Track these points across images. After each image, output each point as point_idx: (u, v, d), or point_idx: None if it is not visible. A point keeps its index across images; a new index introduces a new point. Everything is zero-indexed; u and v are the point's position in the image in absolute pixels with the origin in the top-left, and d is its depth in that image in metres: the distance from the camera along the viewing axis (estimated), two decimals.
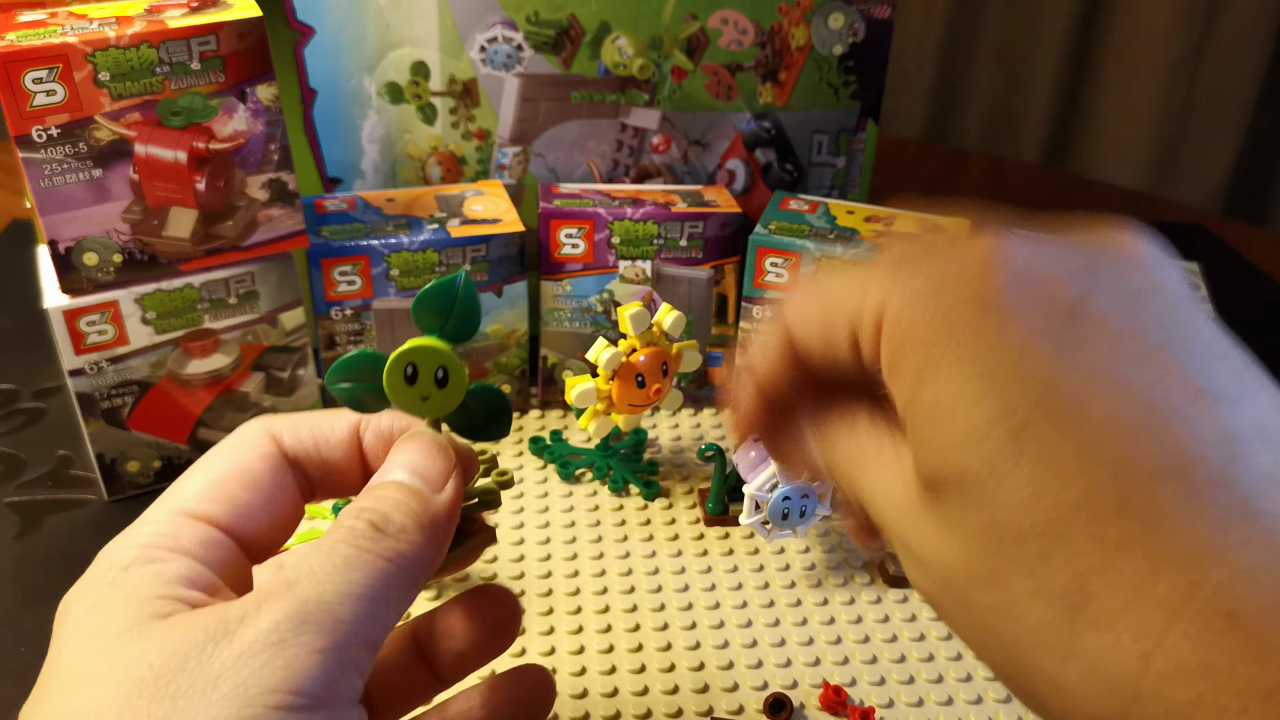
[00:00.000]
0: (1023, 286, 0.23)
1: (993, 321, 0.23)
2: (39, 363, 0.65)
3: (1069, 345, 0.22)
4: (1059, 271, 0.23)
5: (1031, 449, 0.21)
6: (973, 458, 0.22)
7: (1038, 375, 0.22)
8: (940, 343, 0.23)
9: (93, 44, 0.45)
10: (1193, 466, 0.21)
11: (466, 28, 0.60)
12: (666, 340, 0.52)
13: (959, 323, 0.23)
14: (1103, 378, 0.22)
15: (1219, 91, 1.49)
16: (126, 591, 0.25)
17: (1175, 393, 0.22)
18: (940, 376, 0.23)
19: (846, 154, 0.66)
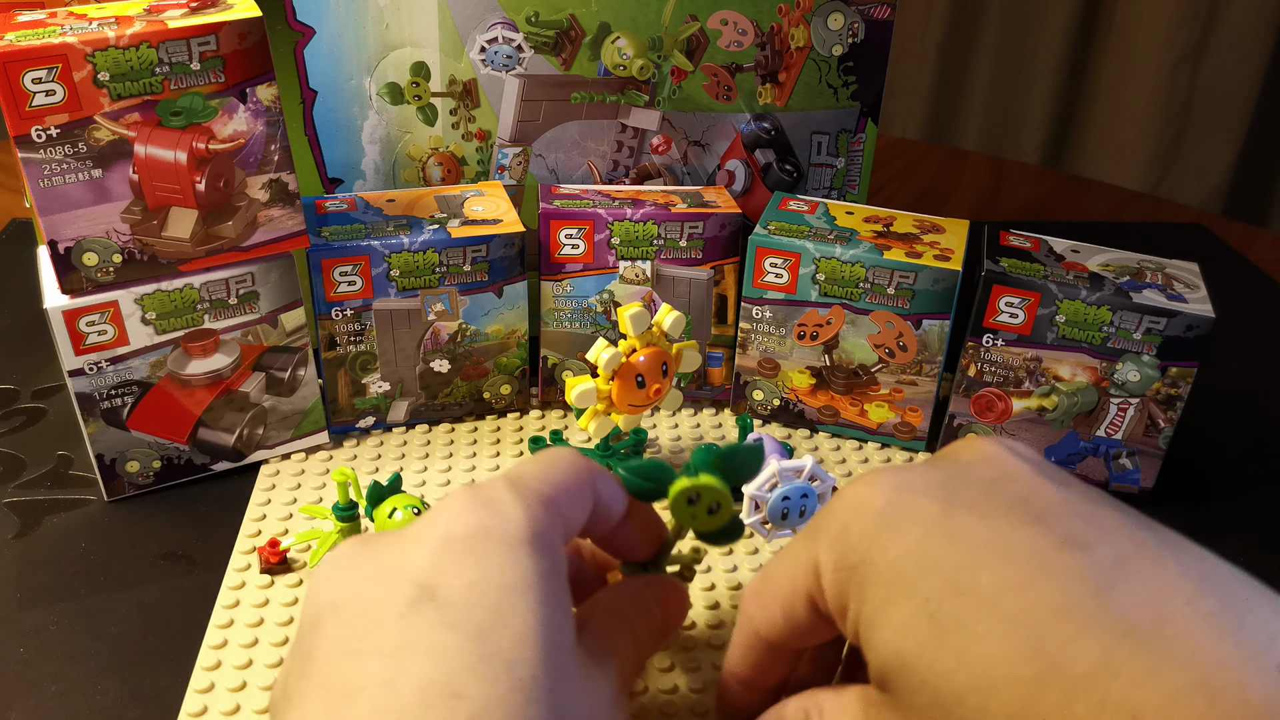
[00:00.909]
0: (898, 509, 0.29)
1: (887, 541, 0.29)
2: (39, 363, 0.65)
3: (950, 537, 0.28)
4: (922, 488, 0.30)
5: (949, 626, 0.27)
6: (908, 644, 0.27)
7: (935, 568, 0.28)
8: (861, 572, 0.29)
9: (92, 44, 0.45)
10: (1076, 603, 0.25)
11: (466, 28, 0.60)
12: (666, 340, 0.52)
13: (865, 554, 0.29)
14: (984, 551, 0.27)
15: (1219, 91, 1.49)
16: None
17: (1045, 548, 0.27)
18: (867, 598, 0.29)
19: (846, 154, 0.66)
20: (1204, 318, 0.51)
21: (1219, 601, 0.25)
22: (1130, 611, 0.25)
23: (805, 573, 0.31)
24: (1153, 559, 0.26)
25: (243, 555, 0.51)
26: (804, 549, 0.32)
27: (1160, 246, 0.62)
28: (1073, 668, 0.24)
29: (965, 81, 1.63)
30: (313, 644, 0.29)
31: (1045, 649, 0.25)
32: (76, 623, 0.47)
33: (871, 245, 0.56)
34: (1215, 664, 0.23)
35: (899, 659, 0.28)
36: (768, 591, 0.33)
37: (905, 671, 0.28)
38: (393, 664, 0.27)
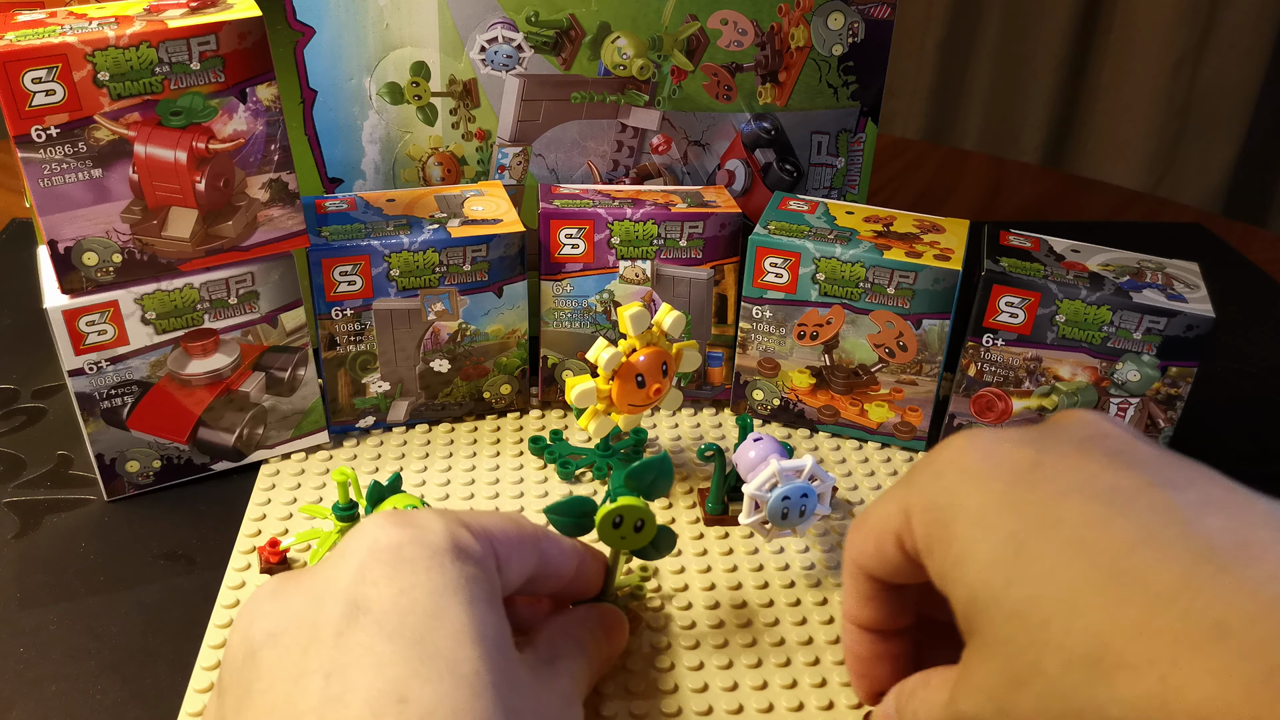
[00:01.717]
0: (991, 459, 0.31)
1: (981, 484, 0.30)
2: (39, 363, 0.65)
3: (1039, 482, 0.29)
4: (1015, 443, 0.31)
5: (1033, 556, 0.28)
6: (995, 577, 0.28)
7: (1022, 507, 0.29)
8: (949, 514, 0.30)
9: (92, 44, 0.45)
10: (1157, 531, 0.26)
11: (466, 28, 0.60)
12: (666, 340, 0.52)
13: (955, 498, 0.31)
14: (1071, 492, 0.28)
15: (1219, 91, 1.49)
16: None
17: (1132, 487, 0.28)
18: (955, 537, 0.30)
19: (846, 154, 0.66)
20: (1204, 317, 0.51)
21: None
22: (1215, 538, 0.25)
23: (897, 514, 0.33)
24: (1243, 500, 0.27)
25: (243, 555, 0.51)
26: (898, 493, 0.33)
27: (1160, 246, 0.62)
28: (1153, 586, 0.25)
29: (965, 81, 1.63)
30: (250, 678, 0.29)
31: (1126, 570, 0.26)
32: (76, 623, 0.47)
33: (871, 245, 0.56)
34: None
35: (987, 592, 0.28)
36: (865, 526, 0.35)
37: (992, 605, 0.28)
38: (338, 680, 0.27)
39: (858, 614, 0.37)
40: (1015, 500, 0.29)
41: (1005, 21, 1.56)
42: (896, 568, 0.34)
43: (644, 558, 0.44)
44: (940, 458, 0.32)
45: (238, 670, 0.30)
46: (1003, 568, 0.28)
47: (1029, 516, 0.28)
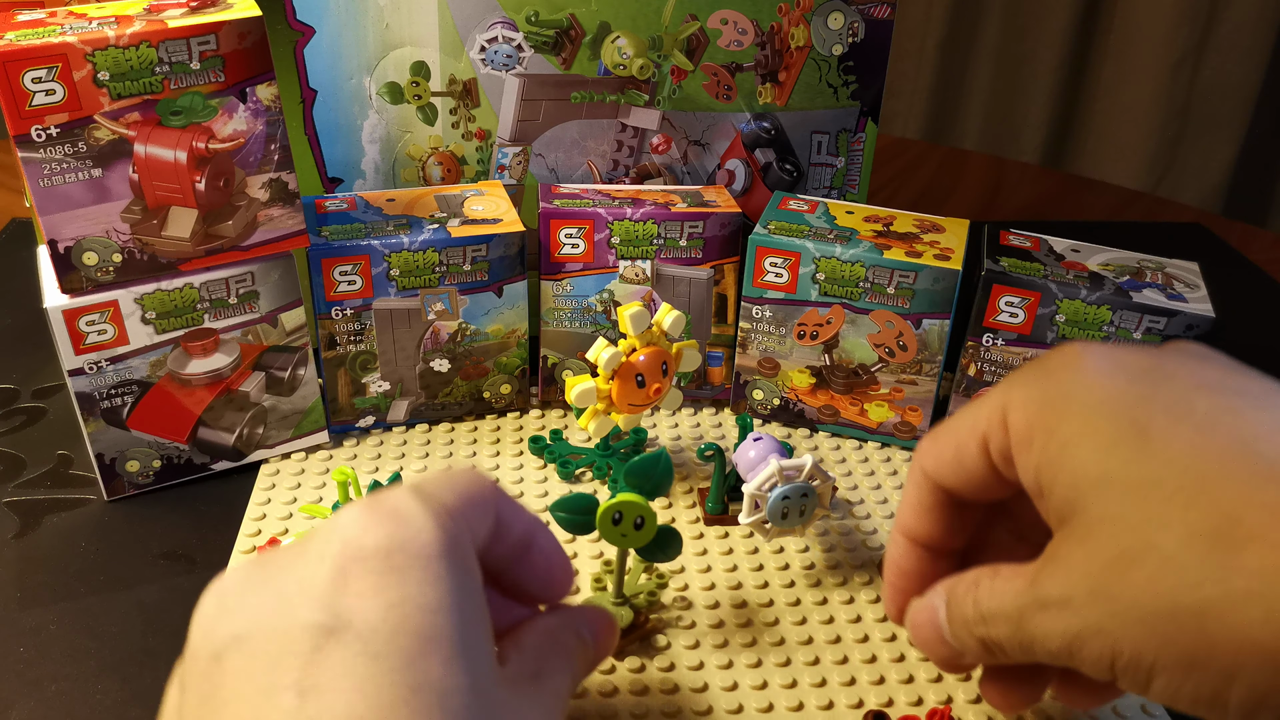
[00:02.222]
0: (1111, 360, 0.30)
1: (1099, 377, 0.29)
2: (39, 362, 0.65)
3: (1164, 379, 0.29)
4: (1133, 351, 0.31)
5: (1162, 439, 0.27)
6: (1113, 460, 0.28)
7: (1149, 398, 0.28)
8: (1062, 405, 0.30)
9: (92, 43, 0.45)
10: (1274, 434, 0.27)
11: (466, 28, 0.60)
12: (666, 340, 0.52)
13: (1072, 384, 0.30)
14: (1201, 387, 0.28)
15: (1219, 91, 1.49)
16: None
17: (1258, 390, 0.28)
18: (1067, 423, 0.29)
19: (846, 154, 0.66)
20: (1204, 317, 0.51)
21: None
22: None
23: (989, 414, 0.32)
24: None
25: (243, 555, 0.51)
26: (993, 395, 0.32)
27: (1160, 246, 0.62)
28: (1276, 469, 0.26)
29: (965, 81, 1.63)
30: (216, 683, 0.26)
31: (1263, 454, 0.26)
32: (76, 622, 0.47)
33: (871, 245, 0.56)
34: None
35: (1099, 471, 0.28)
36: (945, 430, 0.34)
37: (1104, 484, 0.28)
38: (313, 700, 0.24)
39: (913, 526, 0.36)
40: (1140, 393, 0.29)
41: (1005, 21, 1.56)
42: (972, 475, 0.33)
43: (650, 559, 0.44)
44: (1052, 359, 0.31)
45: (201, 672, 0.27)
46: (1124, 449, 0.28)
47: (1156, 406, 0.28)
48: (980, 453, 0.32)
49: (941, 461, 0.33)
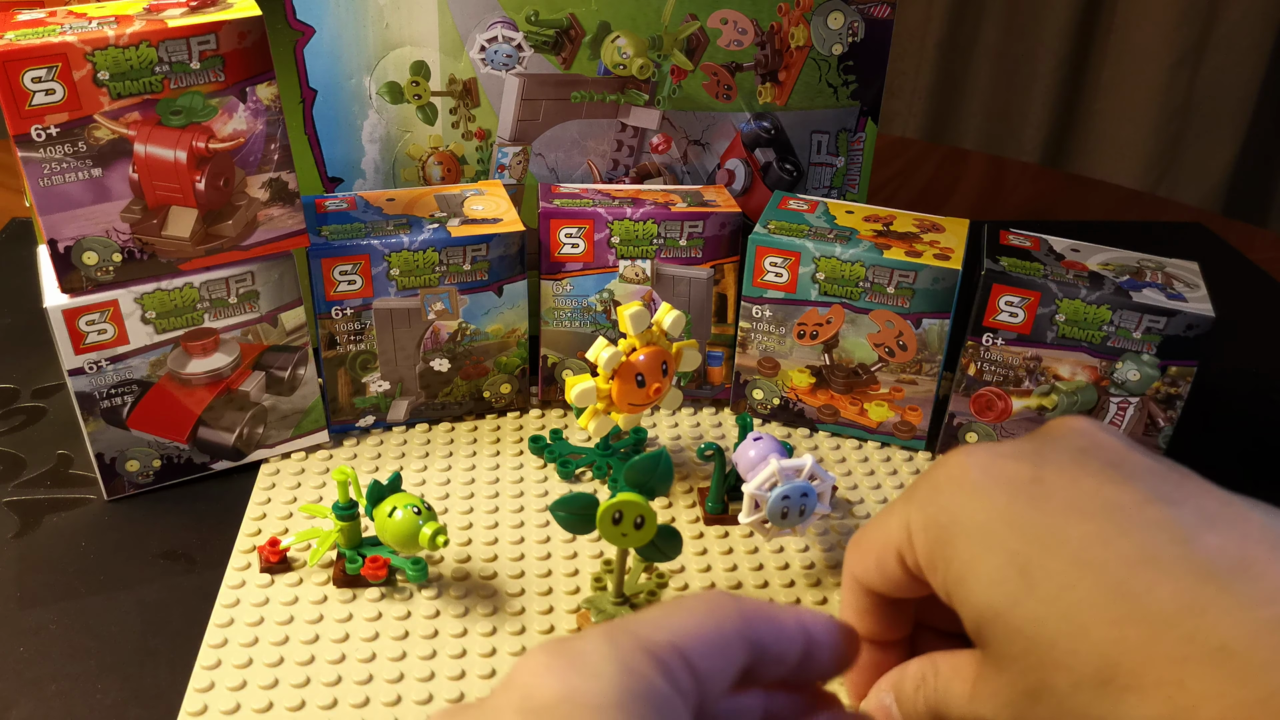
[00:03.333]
0: (990, 475, 0.30)
1: (981, 499, 0.30)
2: (39, 362, 0.65)
3: (1039, 498, 0.29)
4: (1013, 458, 0.31)
5: (1038, 577, 0.28)
6: (998, 596, 0.28)
7: (1024, 526, 0.29)
8: (951, 531, 0.30)
9: (92, 43, 0.45)
10: (1159, 551, 0.27)
11: (466, 28, 0.60)
12: (666, 340, 0.52)
13: (957, 514, 0.30)
14: (1071, 509, 0.28)
15: (1219, 91, 1.49)
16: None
17: (1132, 504, 0.28)
18: (956, 555, 0.30)
19: (846, 154, 0.66)
20: (1204, 317, 0.51)
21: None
22: (1215, 557, 0.26)
23: (898, 529, 0.32)
24: (1240, 514, 0.27)
25: (243, 554, 0.51)
26: (899, 509, 0.32)
27: (1160, 246, 0.62)
28: (1158, 607, 0.26)
29: (965, 81, 1.63)
30: None
31: (1130, 592, 0.26)
32: (76, 622, 0.47)
33: (871, 244, 0.56)
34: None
35: (991, 610, 0.29)
36: (865, 542, 0.34)
37: (998, 622, 0.29)
38: None
39: (856, 626, 0.36)
40: (1016, 517, 0.29)
41: (1005, 21, 1.56)
42: (898, 583, 0.33)
43: (650, 559, 0.44)
44: (939, 474, 0.32)
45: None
46: (1007, 587, 0.28)
47: (1031, 535, 0.28)
48: (899, 565, 0.32)
49: (867, 569, 0.34)
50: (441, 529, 0.46)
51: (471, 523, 0.53)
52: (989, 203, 0.99)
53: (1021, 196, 1.01)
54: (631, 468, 0.42)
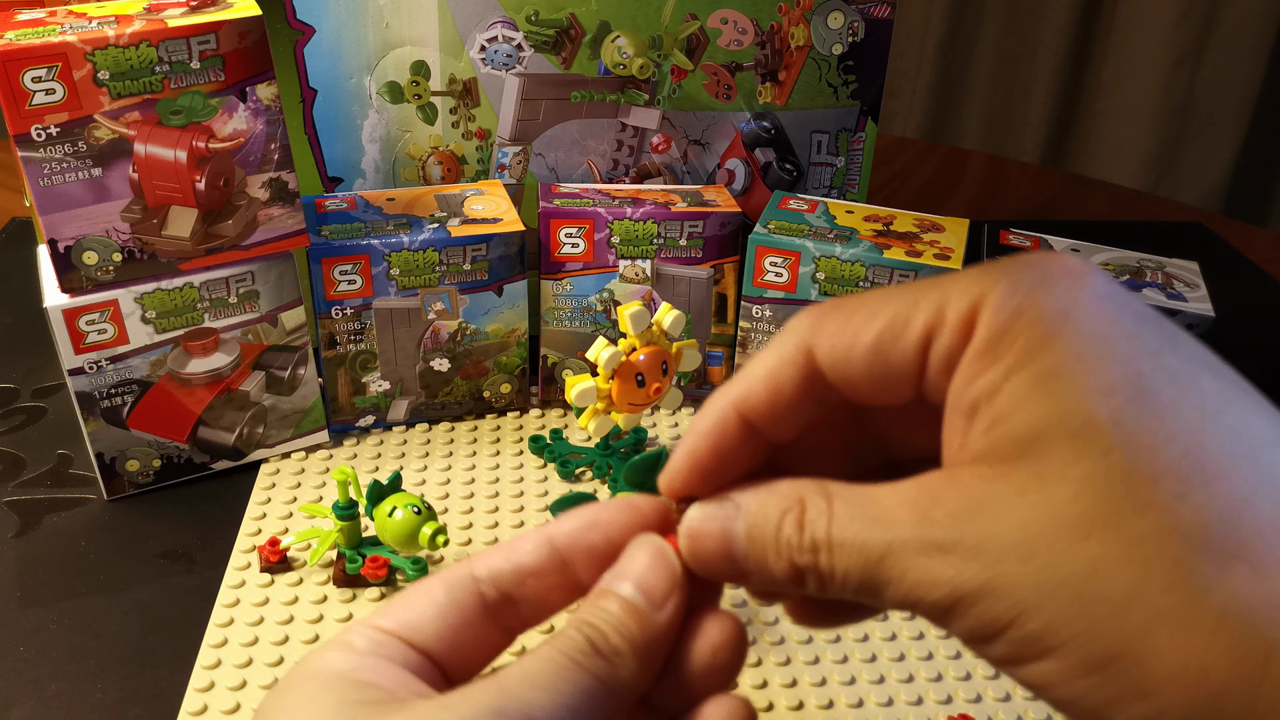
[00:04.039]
0: (1116, 294, 0.25)
1: (1104, 308, 0.24)
2: (39, 362, 0.65)
3: (1167, 334, 0.25)
4: (1131, 293, 0.26)
5: (1158, 405, 0.23)
6: (1100, 407, 0.23)
7: (1152, 349, 0.24)
8: (1059, 319, 0.24)
9: (92, 43, 0.45)
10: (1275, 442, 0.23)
11: (466, 27, 0.60)
12: (666, 339, 0.52)
13: (1074, 304, 0.24)
14: (1202, 362, 0.24)
15: (1219, 91, 1.49)
16: (325, 687, 0.25)
17: (1251, 388, 0.24)
18: (1059, 345, 0.24)
19: (846, 153, 0.66)
20: (1204, 316, 0.51)
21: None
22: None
23: (939, 304, 0.25)
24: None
25: (243, 554, 0.51)
26: (951, 283, 0.25)
27: (1160, 245, 0.62)
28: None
29: (965, 81, 1.63)
30: None
31: (1261, 461, 0.22)
32: (77, 622, 0.47)
33: (871, 244, 0.56)
34: None
35: (1084, 422, 0.23)
36: (863, 308, 0.26)
37: (1086, 439, 0.23)
38: None
39: (758, 405, 0.27)
40: (1147, 345, 0.24)
41: (1005, 21, 1.56)
42: (886, 372, 0.26)
43: None
44: (1049, 262, 0.25)
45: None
46: (1118, 399, 0.23)
47: (1161, 366, 0.24)
48: (918, 351, 0.25)
49: (848, 345, 0.26)
50: (441, 529, 0.46)
51: (471, 523, 0.53)
52: (989, 203, 0.99)
53: (1021, 196, 1.01)
54: (631, 467, 0.42)
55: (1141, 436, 0.22)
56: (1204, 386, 0.23)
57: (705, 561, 0.28)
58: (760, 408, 0.27)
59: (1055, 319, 0.24)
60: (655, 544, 0.28)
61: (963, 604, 0.24)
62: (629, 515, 0.28)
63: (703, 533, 0.27)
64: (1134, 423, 0.22)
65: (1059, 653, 0.23)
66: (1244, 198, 1.55)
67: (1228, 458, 0.22)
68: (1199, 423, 0.23)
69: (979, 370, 0.24)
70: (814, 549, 0.26)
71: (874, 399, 0.26)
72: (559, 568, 0.28)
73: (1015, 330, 0.24)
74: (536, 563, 0.28)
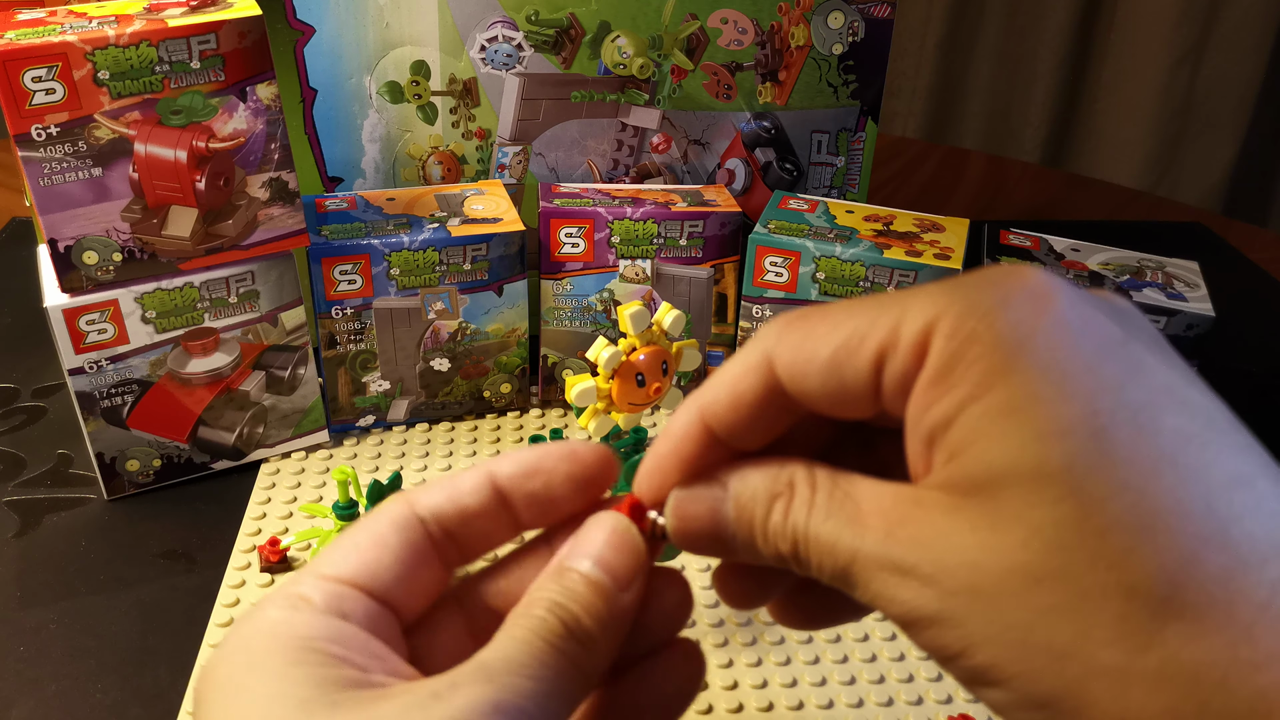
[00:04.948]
0: (1080, 316, 0.24)
1: (1064, 335, 0.23)
2: (39, 362, 0.65)
3: (1132, 364, 0.23)
4: (1101, 311, 0.24)
5: (1112, 450, 0.22)
6: (1052, 452, 0.22)
7: (1111, 385, 0.23)
8: (1014, 348, 0.23)
9: (92, 42, 0.45)
10: (1255, 473, 0.23)
11: (467, 27, 0.60)
12: (666, 339, 0.52)
13: (1031, 332, 0.23)
14: (1167, 394, 0.23)
15: (1219, 91, 1.49)
16: (289, 660, 0.24)
17: (1220, 412, 0.23)
18: (1013, 379, 0.23)
19: (846, 153, 0.66)
20: (1204, 316, 0.51)
21: None
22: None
23: (895, 324, 0.25)
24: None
25: (243, 554, 0.51)
26: (907, 301, 0.25)
27: (1160, 245, 0.62)
28: (1254, 539, 0.22)
29: (965, 81, 1.63)
30: None
31: (1216, 512, 0.22)
32: (76, 621, 0.47)
33: (871, 244, 0.56)
34: None
35: (1037, 467, 0.22)
36: (823, 322, 0.26)
37: (1039, 485, 0.22)
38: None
39: (724, 415, 0.27)
40: (1108, 378, 0.23)
41: (1005, 21, 1.56)
42: (843, 389, 0.25)
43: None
44: (1010, 281, 0.24)
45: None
46: (1071, 446, 0.22)
47: (1121, 404, 0.23)
48: (870, 368, 0.25)
49: (807, 359, 0.26)
50: None
51: None
52: (989, 203, 0.99)
53: (1021, 196, 1.01)
54: (631, 467, 0.42)
55: (1094, 484, 0.22)
56: (1163, 425, 0.23)
57: (693, 541, 0.28)
58: (723, 416, 0.27)
59: (1011, 347, 0.23)
60: (620, 524, 0.28)
61: (918, 625, 0.24)
62: (570, 465, 0.28)
63: (690, 514, 0.27)
64: (1087, 469, 0.22)
65: (1004, 687, 0.23)
66: (1244, 198, 1.55)
67: (1179, 506, 0.22)
68: (1154, 469, 0.22)
69: (932, 399, 0.24)
70: (794, 540, 0.26)
71: (835, 413, 0.26)
72: (501, 508, 0.28)
73: (969, 358, 0.23)
74: (479, 504, 0.28)
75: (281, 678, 0.23)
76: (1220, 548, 0.21)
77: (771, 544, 0.26)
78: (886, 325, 0.25)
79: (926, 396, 0.24)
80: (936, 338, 0.24)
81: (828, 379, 0.25)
